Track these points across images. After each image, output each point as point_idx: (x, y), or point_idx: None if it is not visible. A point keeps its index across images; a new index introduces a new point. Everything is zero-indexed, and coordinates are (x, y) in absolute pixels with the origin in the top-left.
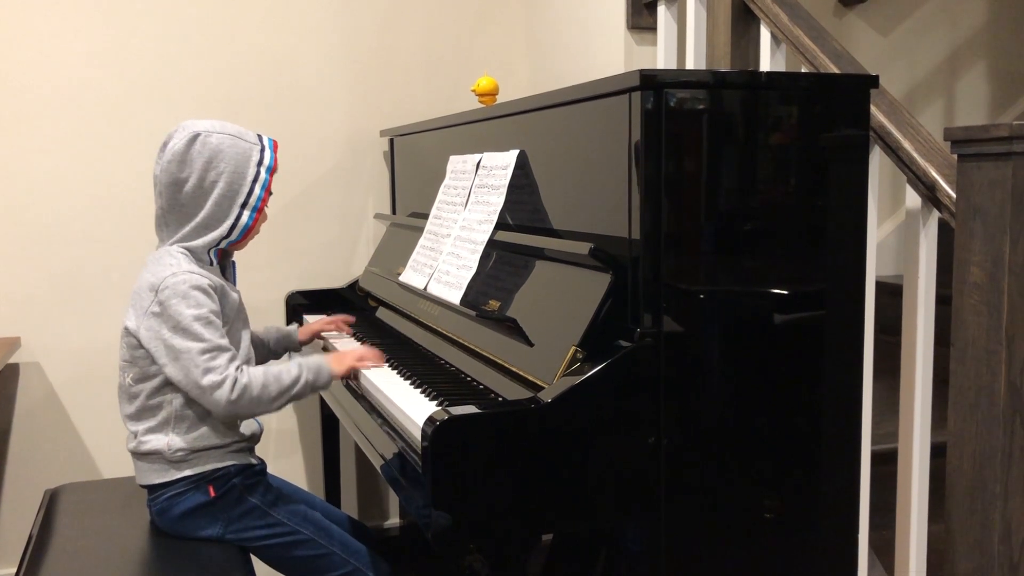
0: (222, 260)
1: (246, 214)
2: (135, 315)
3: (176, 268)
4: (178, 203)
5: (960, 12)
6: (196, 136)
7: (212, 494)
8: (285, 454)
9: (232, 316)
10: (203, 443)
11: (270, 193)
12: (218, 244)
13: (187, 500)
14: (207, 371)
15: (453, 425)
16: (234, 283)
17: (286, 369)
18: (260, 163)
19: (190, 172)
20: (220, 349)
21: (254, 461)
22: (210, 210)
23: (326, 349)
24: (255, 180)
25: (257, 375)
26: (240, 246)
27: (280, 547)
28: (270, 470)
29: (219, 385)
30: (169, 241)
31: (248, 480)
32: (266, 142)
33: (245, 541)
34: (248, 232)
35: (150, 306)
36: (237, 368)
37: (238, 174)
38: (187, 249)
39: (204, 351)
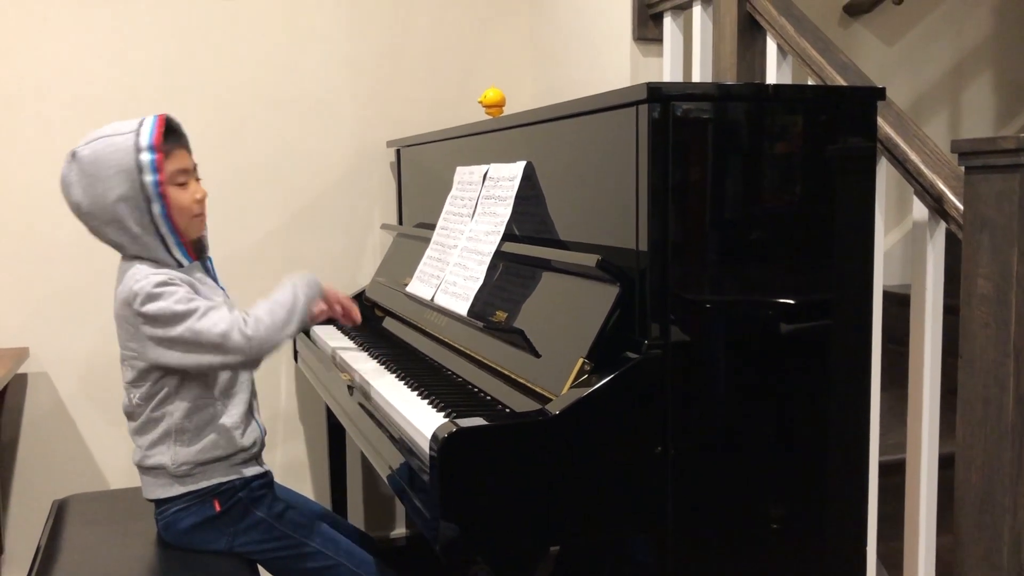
0: (200, 258)
1: (156, 205)
2: (126, 336)
3: (138, 274)
4: (95, 223)
5: (966, 22)
6: (71, 156)
7: (217, 508)
8: (292, 463)
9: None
10: (206, 456)
11: (188, 172)
12: (166, 244)
13: (192, 514)
14: (213, 326)
15: (461, 437)
16: (215, 280)
17: (279, 294)
18: (139, 148)
19: (80, 192)
20: (212, 308)
21: (260, 471)
22: (123, 215)
23: (336, 364)
24: (141, 169)
25: (260, 308)
26: (191, 231)
27: (288, 559)
28: (277, 479)
29: (230, 331)
30: (124, 257)
31: (254, 493)
32: (145, 123)
33: (252, 554)
34: (173, 215)
35: (136, 322)
36: (232, 317)
37: (124, 171)
38: (150, 260)
39: (200, 317)
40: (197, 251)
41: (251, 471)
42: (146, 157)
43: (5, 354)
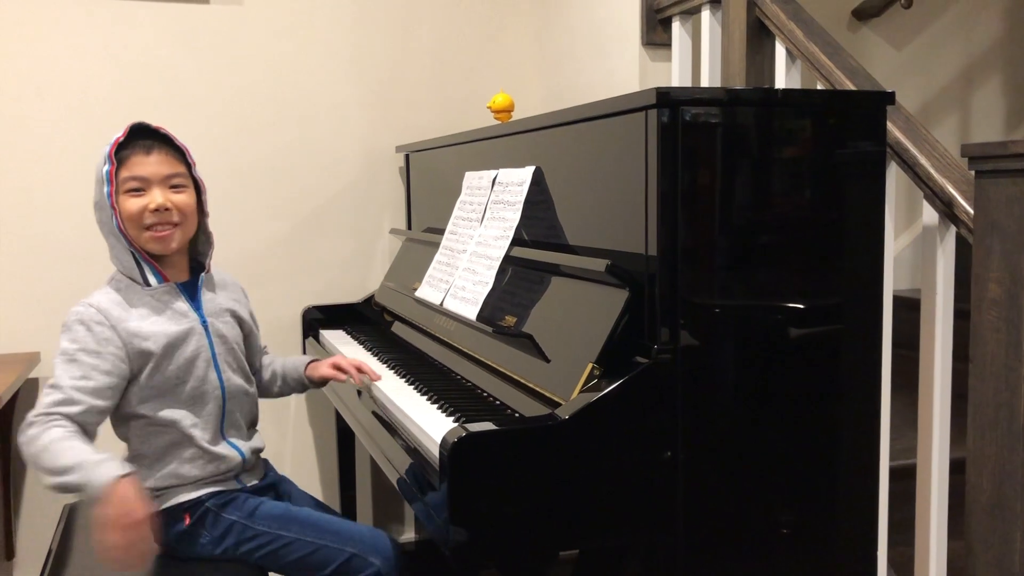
0: (193, 276)
1: (113, 216)
2: None
3: (91, 295)
4: None
5: (975, 26)
6: None
7: (187, 522)
8: (301, 468)
9: (142, 356)
10: (167, 483)
11: (143, 179)
12: (132, 252)
13: (169, 530)
14: (38, 404)
15: (471, 442)
16: (197, 306)
17: (68, 455)
18: (105, 159)
19: None
20: (55, 388)
21: (236, 487)
22: (99, 222)
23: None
24: (102, 179)
25: (44, 437)
26: (149, 245)
27: (271, 555)
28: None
29: (26, 423)
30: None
31: (222, 499)
32: (119, 134)
33: (236, 558)
34: (123, 225)
35: None
36: (48, 415)
37: (98, 180)
38: (122, 275)
39: (49, 386)
40: (191, 269)
41: (221, 488)
42: (104, 168)
43: (16, 359)
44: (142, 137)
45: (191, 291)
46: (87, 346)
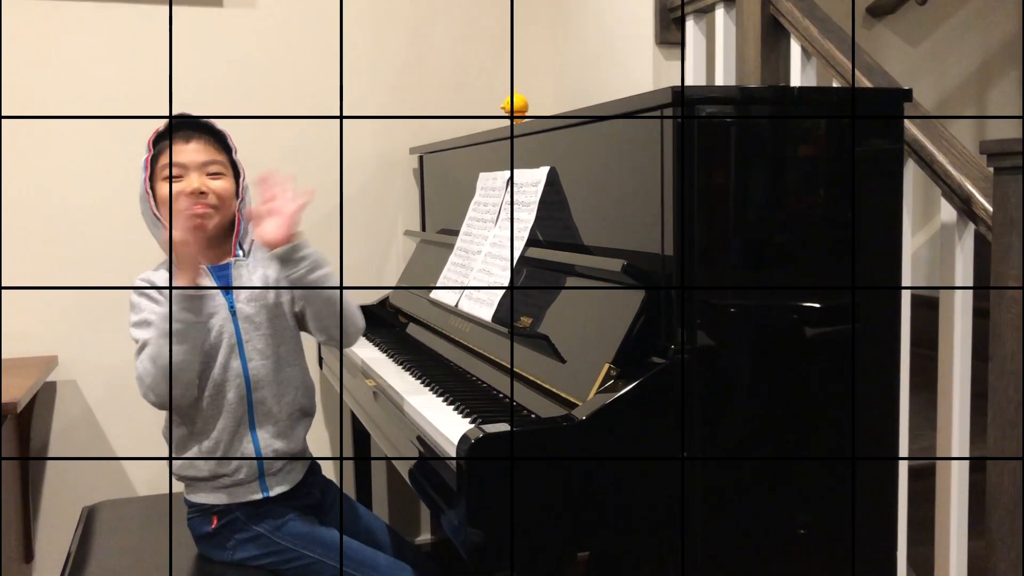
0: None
1: (148, 201)
2: None
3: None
4: None
5: (991, 21)
6: None
7: (214, 525)
8: None
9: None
10: (186, 472)
11: (180, 165)
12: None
13: (197, 527)
14: (137, 366)
15: (487, 443)
16: (227, 295)
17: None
18: (145, 148)
19: None
20: (147, 343)
21: (257, 497)
22: (141, 213)
23: (361, 371)
24: (141, 168)
25: (146, 360)
26: (180, 229)
27: (292, 572)
28: None
29: (139, 377)
30: None
31: (253, 510)
32: (160, 125)
33: (252, 567)
34: (157, 209)
35: None
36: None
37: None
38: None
39: (138, 351)
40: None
41: (245, 497)
42: (143, 157)
43: (34, 362)
44: (184, 128)
45: (224, 274)
46: (149, 308)
